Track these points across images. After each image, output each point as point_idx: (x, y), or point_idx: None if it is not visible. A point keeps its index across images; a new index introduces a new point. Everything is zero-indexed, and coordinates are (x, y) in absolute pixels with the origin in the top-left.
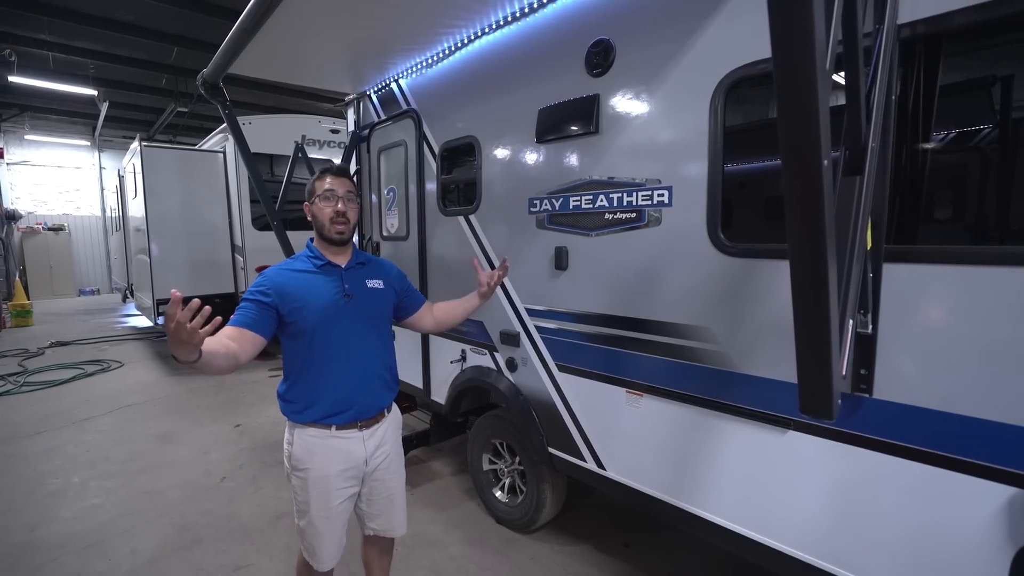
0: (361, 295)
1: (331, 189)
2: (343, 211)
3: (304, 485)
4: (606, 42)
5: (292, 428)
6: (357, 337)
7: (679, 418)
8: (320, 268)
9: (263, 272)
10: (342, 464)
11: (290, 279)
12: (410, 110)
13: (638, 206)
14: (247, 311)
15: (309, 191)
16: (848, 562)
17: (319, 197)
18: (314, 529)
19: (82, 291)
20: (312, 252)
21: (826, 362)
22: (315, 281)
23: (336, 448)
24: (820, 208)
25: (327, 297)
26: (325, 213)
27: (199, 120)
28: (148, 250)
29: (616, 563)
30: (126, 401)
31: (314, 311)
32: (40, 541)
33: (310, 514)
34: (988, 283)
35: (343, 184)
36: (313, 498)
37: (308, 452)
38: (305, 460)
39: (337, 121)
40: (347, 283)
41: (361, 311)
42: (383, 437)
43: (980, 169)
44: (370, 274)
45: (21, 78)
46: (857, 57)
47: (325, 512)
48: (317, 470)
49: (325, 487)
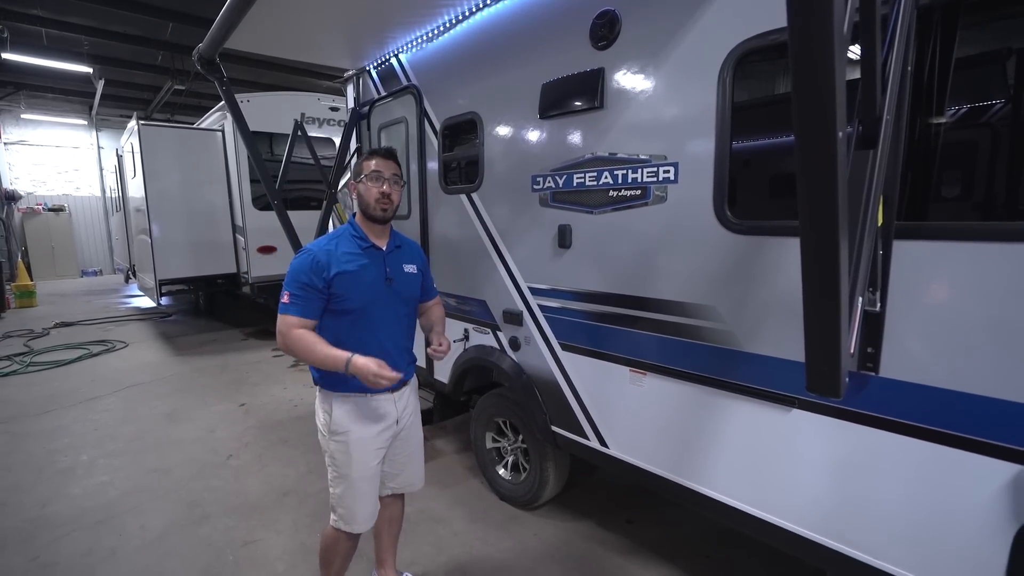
0: (399, 279)
1: (378, 170)
2: (388, 192)
3: (345, 448)
4: (612, 13)
5: (329, 396)
6: (394, 317)
7: (683, 397)
8: (364, 250)
9: (312, 253)
10: (380, 425)
11: (340, 262)
12: (410, 86)
13: (643, 183)
14: (310, 302)
15: (356, 170)
16: (852, 539)
17: (367, 177)
18: (354, 491)
19: (85, 272)
20: (356, 232)
21: (835, 340)
22: (362, 264)
23: (374, 410)
24: (833, 183)
25: (372, 281)
26: (372, 193)
27: (196, 98)
28: (149, 231)
29: (618, 539)
30: (132, 381)
31: (361, 294)
32: (52, 517)
33: (351, 477)
34: (997, 260)
35: (389, 167)
36: (355, 460)
37: (349, 417)
38: (346, 424)
39: (337, 98)
40: (389, 267)
41: (399, 294)
42: (408, 399)
43: (991, 144)
44: (406, 258)
45: (14, 55)
46: (874, 25)
47: (366, 472)
48: (357, 432)
49: (366, 448)
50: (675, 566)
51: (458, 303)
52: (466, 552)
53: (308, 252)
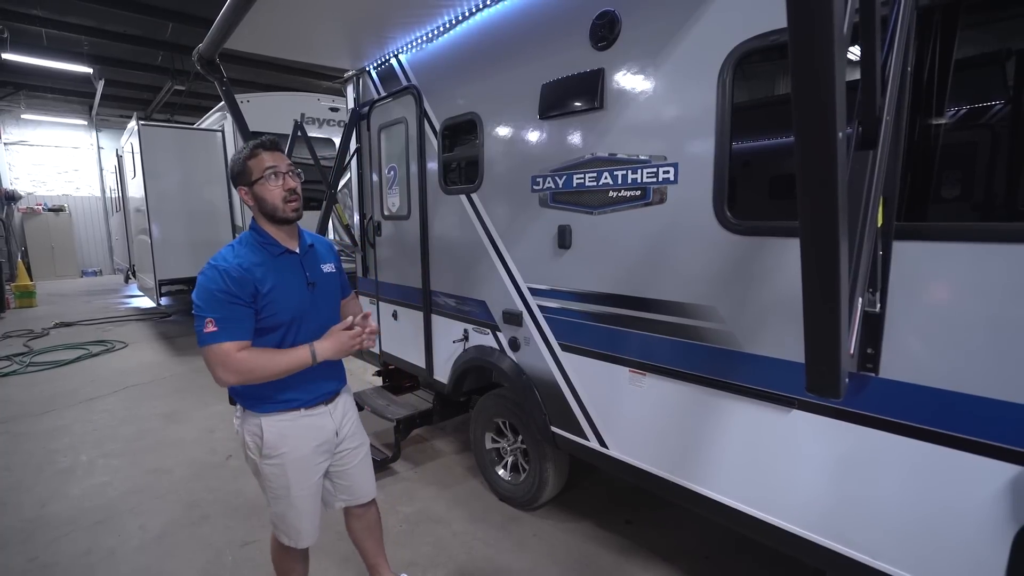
0: (321, 282)
1: (273, 166)
2: (294, 187)
3: (281, 470)
4: (611, 13)
5: (256, 417)
6: (321, 325)
7: (682, 397)
8: (278, 257)
9: (221, 269)
10: (316, 440)
11: (257, 276)
12: (410, 86)
13: (643, 183)
14: (240, 321)
15: (241, 171)
16: (851, 539)
17: (264, 177)
18: (295, 510)
19: (85, 272)
20: (264, 238)
21: (834, 341)
22: (280, 274)
23: (308, 426)
24: (833, 183)
25: (294, 289)
26: (276, 193)
27: (196, 99)
28: (149, 231)
29: (618, 539)
30: (131, 381)
31: (287, 307)
32: (51, 517)
33: (290, 497)
34: (997, 261)
35: (282, 159)
36: (293, 480)
37: (281, 436)
38: (279, 445)
39: (336, 99)
40: (308, 271)
41: (323, 298)
42: (344, 406)
43: (990, 145)
44: (321, 257)
45: (14, 55)
46: (874, 25)
47: (306, 490)
48: (293, 451)
49: (303, 466)
50: (674, 566)
51: (458, 303)
52: (466, 552)
53: (215, 268)
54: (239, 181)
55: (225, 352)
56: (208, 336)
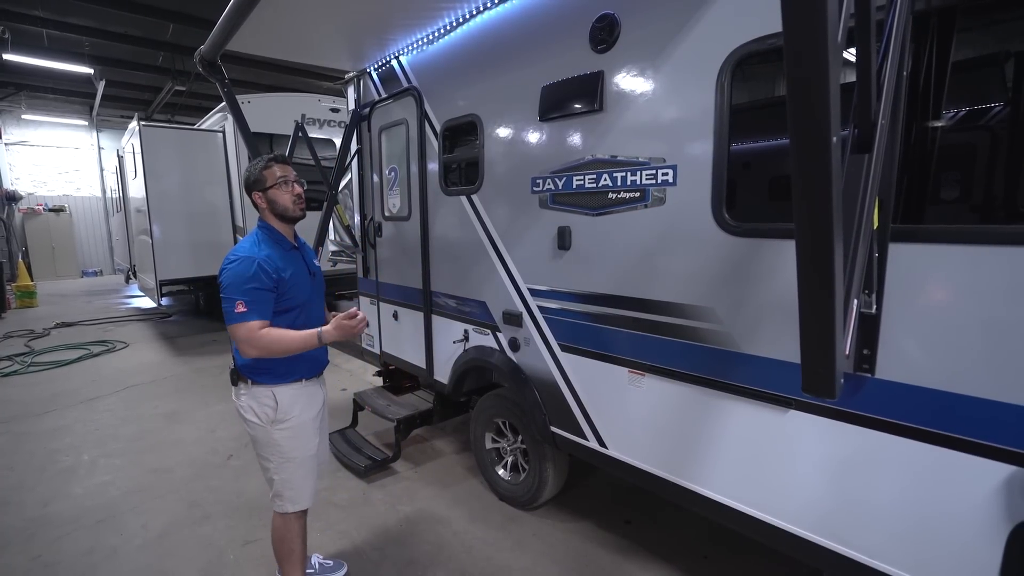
0: (317, 273)
1: (284, 176)
2: (300, 193)
3: (292, 432)
4: (611, 16)
5: (268, 388)
6: (319, 308)
7: (681, 398)
8: (288, 251)
9: (254, 259)
10: (316, 408)
11: (280, 266)
12: (411, 88)
13: (642, 185)
14: (265, 304)
15: (258, 180)
16: (848, 539)
17: (276, 185)
18: (301, 471)
19: (85, 272)
20: (276, 236)
21: (830, 342)
22: (293, 265)
23: (311, 394)
24: (828, 186)
25: (304, 277)
26: (287, 197)
27: (197, 99)
28: (150, 231)
29: (617, 539)
30: (132, 381)
31: (300, 291)
32: (54, 516)
33: (297, 459)
34: (992, 263)
35: (290, 170)
36: (300, 442)
37: (292, 402)
38: (291, 410)
39: (337, 100)
40: (308, 263)
41: (319, 286)
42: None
43: (986, 148)
44: (309, 253)
45: (15, 56)
46: (869, 31)
47: (311, 450)
48: (300, 415)
49: (310, 429)
50: (673, 566)
51: (458, 304)
52: (465, 552)
53: (250, 259)
54: (255, 187)
55: (251, 329)
56: (239, 316)
